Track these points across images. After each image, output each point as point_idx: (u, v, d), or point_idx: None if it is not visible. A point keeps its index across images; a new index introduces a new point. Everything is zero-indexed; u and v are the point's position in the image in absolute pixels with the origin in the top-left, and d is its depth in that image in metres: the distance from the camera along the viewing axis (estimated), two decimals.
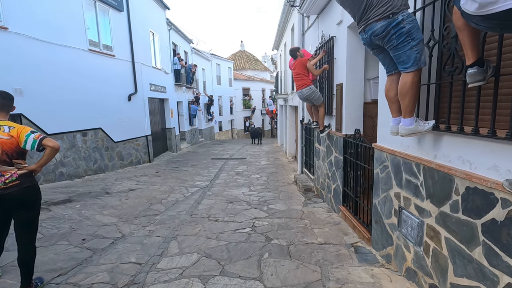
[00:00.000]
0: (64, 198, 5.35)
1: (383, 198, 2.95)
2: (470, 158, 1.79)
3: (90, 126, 7.61)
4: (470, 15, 1.22)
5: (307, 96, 4.60)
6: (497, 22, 1.17)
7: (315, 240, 3.55)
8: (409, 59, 1.96)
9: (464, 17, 1.29)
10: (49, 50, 6.36)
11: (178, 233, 3.86)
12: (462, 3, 1.26)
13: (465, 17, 1.29)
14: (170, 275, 2.77)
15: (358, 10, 2.11)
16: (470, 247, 1.78)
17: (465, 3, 1.20)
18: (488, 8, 1.12)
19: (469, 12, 1.24)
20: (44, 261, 3.03)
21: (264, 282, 2.62)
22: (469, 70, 1.53)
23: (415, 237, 2.36)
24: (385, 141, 2.87)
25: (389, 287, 2.47)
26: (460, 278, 1.88)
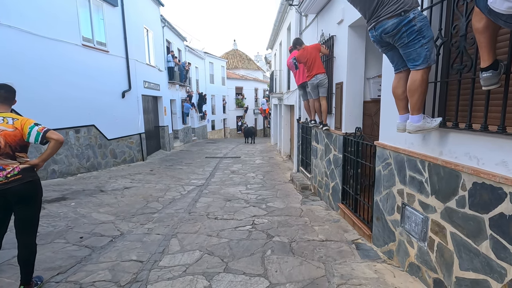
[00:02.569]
0: (58, 196, 5.22)
1: (385, 195, 2.99)
2: (477, 154, 1.83)
3: (83, 123, 7.45)
4: (499, 13, 1.24)
5: (319, 81, 4.53)
6: None
7: (316, 237, 3.57)
8: (419, 56, 1.99)
9: (491, 15, 1.31)
10: (42, 44, 6.19)
11: (178, 230, 3.82)
12: (491, 1, 1.27)
13: (492, 16, 1.31)
14: (174, 273, 2.73)
15: (369, 8, 2.13)
16: (477, 241, 1.82)
17: (494, 1, 1.22)
18: None
19: (498, 10, 1.25)
20: (41, 259, 2.94)
21: (269, 278, 2.62)
22: (484, 73, 1.55)
23: (419, 233, 2.41)
24: (388, 138, 2.91)
25: (393, 282, 2.51)
26: (466, 272, 1.93)
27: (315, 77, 4.49)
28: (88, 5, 7.62)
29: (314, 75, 4.47)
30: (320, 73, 4.45)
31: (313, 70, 4.46)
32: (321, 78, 4.47)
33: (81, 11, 7.33)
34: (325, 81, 4.50)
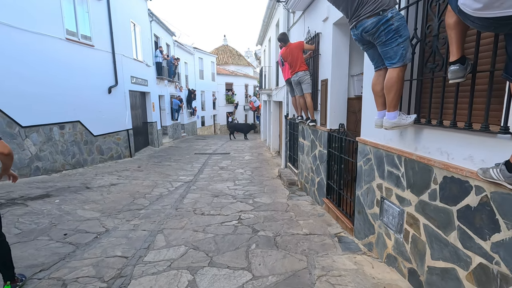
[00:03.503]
0: (42, 193, 5.14)
1: (366, 189, 3.08)
2: (448, 150, 1.92)
3: (68, 119, 7.30)
4: (467, 14, 1.30)
5: (300, 78, 4.62)
6: (493, 22, 1.26)
7: (300, 231, 3.65)
8: (396, 55, 2.07)
9: (460, 15, 1.38)
10: (23, 38, 6.02)
11: (164, 226, 3.84)
12: (461, 2, 1.33)
13: (461, 15, 1.38)
14: (158, 267, 2.76)
15: (351, 8, 2.18)
16: (446, 232, 1.92)
17: (464, 2, 1.29)
18: (491, 11, 1.20)
19: (467, 11, 1.32)
20: (23, 256, 2.92)
21: (252, 271, 2.68)
22: (451, 66, 1.64)
23: (396, 225, 2.51)
24: (369, 134, 3.00)
25: (371, 272, 2.61)
26: (436, 261, 2.03)
27: (296, 74, 4.56)
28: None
29: (295, 72, 4.54)
30: (301, 70, 4.52)
31: (295, 67, 4.53)
32: (301, 75, 4.55)
33: (65, 4, 7.13)
34: (305, 78, 4.56)
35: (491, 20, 1.23)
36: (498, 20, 1.21)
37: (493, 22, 1.24)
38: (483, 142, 1.64)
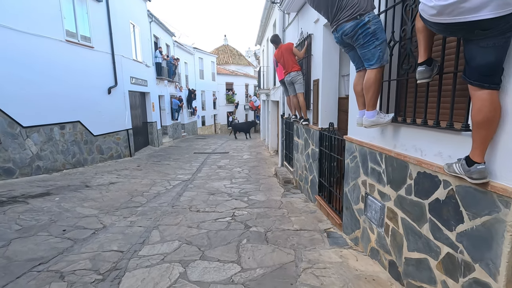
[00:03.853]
0: (42, 191, 5.28)
1: (352, 186, 3.19)
2: (421, 147, 2.03)
3: (68, 119, 7.45)
4: (426, 19, 1.43)
5: (292, 78, 4.74)
6: (446, 27, 1.39)
7: (291, 227, 3.76)
8: (373, 56, 2.17)
9: (422, 20, 1.50)
10: (24, 40, 6.16)
11: (159, 223, 3.96)
12: (420, 8, 1.46)
13: (423, 20, 1.50)
14: (152, 261, 2.88)
15: (331, 12, 2.29)
16: (420, 224, 2.03)
17: (423, 8, 1.41)
18: (443, 18, 1.33)
19: (425, 17, 1.44)
20: (23, 251, 3.06)
21: (241, 264, 2.80)
22: (419, 67, 1.75)
23: (378, 219, 2.62)
24: (355, 133, 3.11)
25: (355, 265, 2.72)
26: (412, 252, 2.14)
27: (288, 74, 4.67)
28: (71, 0, 7.56)
29: (288, 72, 4.65)
30: (293, 71, 4.63)
31: (288, 68, 4.64)
32: (293, 76, 4.66)
33: (65, 6, 7.27)
34: (298, 78, 4.67)
35: (445, 25, 1.34)
36: (451, 26, 1.32)
37: (446, 27, 1.35)
38: (450, 139, 1.75)
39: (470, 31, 1.29)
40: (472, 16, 1.21)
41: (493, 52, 1.28)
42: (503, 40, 1.26)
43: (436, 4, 1.30)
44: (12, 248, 3.10)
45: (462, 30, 1.31)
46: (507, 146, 1.40)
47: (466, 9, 1.21)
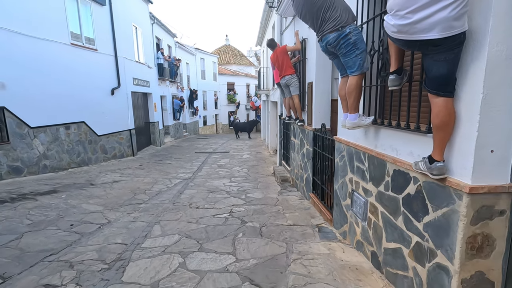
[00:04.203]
0: (49, 189, 5.53)
1: (341, 183, 3.40)
2: (397, 147, 2.24)
3: (73, 119, 7.71)
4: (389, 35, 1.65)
5: (287, 81, 4.95)
6: (406, 43, 1.61)
7: (285, 222, 3.98)
8: (354, 64, 2.38)
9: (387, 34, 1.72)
10: (31, 44, 6.42)
11: (161, 218, 4.19)
12: (385, 25, 1.68)
13: (387, 34, 1.72)
14: (154, 252, 3.11)
15: (317, 24, 2.51)
16: (396, 217, 2.24)
17: (386, 26, 1.62)
18: (402, 35, 1.55)
19: (389, 33, 1.66)
20: (35, 243, 3.30)
21: (236, 255, 3.02)
22: (390, 76, 1.96)
23: (362, 214, 2.83)
24: (343, 134, 3.31)
25: (341, 256, 2.93)
26: (389, 243, 2.35)
27: (283, 78, 4.89)
28: (76, 5, 7.81)
29: (283, 76, 4.86)
30: (287, 74, 4.84)
31: (283, 72, 4.85)
32: (288, 79, 4.87)
33: (70, 11, 7.53)
34: (292, 81, 4.88)
35: (404, 41, 1.55)
36: (408, 42, 1.53)
37: (405, 43, 1.57)
38: (419, 140, 1.96)
39: (424, 47, 1.50)
40: (424, 36, 1.42)
41: (445, 65, 1.49)
42: (453, 55, 1.47)
43: (395, 23, 1.51)
44: (25, 240, 3.35)
45: (418, 46, 1.52)
46: (460, 147, 1.60)
47: (419, 29, 1.42)
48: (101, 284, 2.54)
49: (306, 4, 2.42)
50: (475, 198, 1.55)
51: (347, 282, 2.46)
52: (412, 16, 1.41)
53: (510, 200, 1.57)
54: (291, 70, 4.92)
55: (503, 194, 1.56)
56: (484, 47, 1.43)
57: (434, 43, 1.44)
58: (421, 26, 1.40)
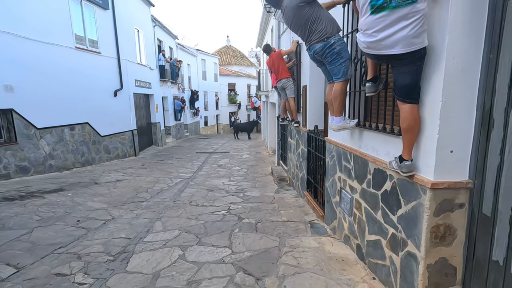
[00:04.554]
0: (56, 187, 5.78)
1: (331, 182, 3.62)
2: (377, 147, 2.45)
3: (77, 120, 7.96)
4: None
5: (283, 84, 5.17)
6: (375, 57, 1.83)
7: (279, 219, 4.20)
8: (339, 72, 2.59)
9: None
10: (38, 48, 6.67)
11: (162, 215, 4.42)
12: (357, 41, 1.89)
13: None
14: (155, 245, 3.34)
15: (305, 35, 2.72)
16: (376, 211, 2.45)
17: (358, 41, 1.84)
18: (371, 50, 1.77)
19: (360, 47, 1.88)
20: (45, 237, 3.53)
21: (232, 248, 3.24)
22: (367, 84, 2.17)
23: (348, 210, 3.04)
24: (332, 135, 3.52)
25: (330, 249, 3.14)
26: (371, 235, 2.56)
27: (280, 81, 5.10)
28: (80, 10, 8.07)
29: (279, 79, 5.08)
30: (283, 78, 5.06)
31: (278, 75, 5.07)
32: (284, 82, 5.09)
33: (74, 15, 7.78)
34: (288, 84, 5.10)
35: (373, 55, 1.77)
36: (377, 56, 1.75)
37: (375, 57, 1.78)
38: (394, 141, 2.17)
39: (390, 60, 1.71)
40: (388, 51, 1.64)
41: (408, 76, 1.71)
42: (415, 68, 1.68)
43: (365, 40, 1.73)
44: (35, 234, 3.58)
45: (385, 59, 1.74)
46: (425, 147, 1.82)
47: (384, 46, 1.64)
48: (107, 273, 2.76)
49: (295, 17, 2.63)
50: (437, 193, 1.76)
51: (333, 271, 2.67)
52: (378, 35, 1.63)
53: (468, 195, 1.78)
54: (287, 73, 5.13)
55: (462, 189, 1.77)
56: (442, 61, 1.64)
57: (398, 58, 1.65)
58: (386, 43, 1.62)
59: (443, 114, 1.69)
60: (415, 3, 1.51)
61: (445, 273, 1.86)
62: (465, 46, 1.62)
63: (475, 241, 1.75)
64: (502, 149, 1.55)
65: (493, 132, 1.59)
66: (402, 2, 1.51)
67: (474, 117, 1.71)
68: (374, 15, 1.63)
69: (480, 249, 1.72)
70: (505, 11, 1.50)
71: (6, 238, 3.43)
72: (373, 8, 1.63)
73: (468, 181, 1.76)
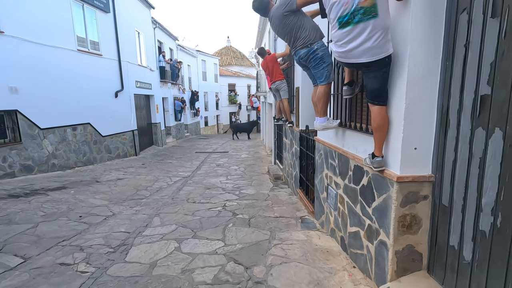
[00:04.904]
0: (59, 185, 6.00)
1: (319, 179, 3.81)
2: (357, 146, 2.65)
3: (79, 121, 8.19)
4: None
5: (277, 86, 5.39)
6: (347, 64, 2.03)
7: (272, 214, 4.39)
8: (322, 75, 2.79)
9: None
10: (41, 51, 6.90)
11: (160, 211, 4.62)
12: (331, 50, 2.09)
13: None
14: (153, 239, 3.54)
15: (290, 41, 2.93)
16: (355, 205, 2.65)
17: (332, 51, 2.04)
18: (342, 59, 1.97)
19: (334, 56, 2.08)
20: (49, 231, 3.74)
21: (225, 241, 3.44)
22: (344, 87, 2.37)
23: (334, 204, 3.23)
24: (321, 134, 3.72)
25: (317, 242, 3.34)
26: (352, 227, 2.76)
27: (274, 83, 5.31)
28: (82, 13, 8.30)
29: (274, 81, 5.29)
30: (277, 80, 5.26)
31: (273, 78, 5.27)
32: (277, 84, 5.29)
33: (76, 19, 8.01)
34: (282, 86, 5.30)
35: (345, 63, 1.97)
36: (348, 64, 1.95)
37: (346, 64, 1.98)
38: (369, 140, 2.36)
39: (360, 67, 1.91)
40: (357, 60, 1.84)
41: (376, 81, 1.90)
42: (381, 74, 1.88)
43: (336, 50, 1.93)
44: (40, 229, 3.80)
45: (355, 66, 1.94)
46: (393, 145, 2.01)
47: (353, 55, 1.84)
48: (108, 263, 2.97)
49: (280, 25, 2.84)
50: (403, 186, 1.96)
51: (317, 261, 2.87)
52: (346, 46, 1.83)
53: (431, 187, 1.98)
54: (281, 76, 5.34)
55: (425, 183, 1.97)
56: (405, 67, 1.84)
57: (366, 65, 1.85)
58: (354, 53, 1.82)
59: (407, 115, 1.88)
60: (376, 17, 1.71)
61: (412, 259, 2.06)
62: (425, 54, 1.82)
63: (437, 229, 1.95)
64: (456, 146, 1.75)
65: (449, 131, 1.79)
66: (364, 17, 1.71)
67: (435, 117, 1.90)
68: (341, 29, 1.84)
69: (440, 236, 1.91)
70: (457, 24, 1.70)
71: (13, 231, 3.65)
72: (340, 23, 1.83)
73: (431, 175, 1.96)
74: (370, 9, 1.69)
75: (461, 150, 1.71)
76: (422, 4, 1.76)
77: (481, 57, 1.55)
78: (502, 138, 1.45)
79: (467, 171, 1.67)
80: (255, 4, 3.03)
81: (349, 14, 1.76)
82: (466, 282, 1.70)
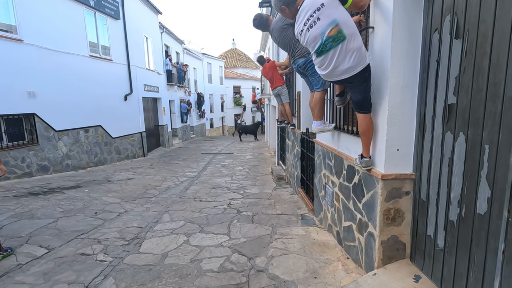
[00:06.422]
0: (73, 184, 6.36)
1: (318, 178, 4.07)
2: (350, 147, 2.90)
3: (91, 123, 8.57)
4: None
5: (278, 91, 5.67)
6: (332, 81, 2.30)
7: (274, 212, 4.66)
8: (318, 83, 3.06)
9: None
10: (57, 58, 7.30)
11: (169, 209, 4.93)
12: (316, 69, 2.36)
13: None
14: (163, 233, 3.84)
15: (290, 51, 3.21)
16: (348, 201, 2.91)
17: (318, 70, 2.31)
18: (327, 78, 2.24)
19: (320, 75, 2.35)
20: (68, 225, 4.07)
21: (230, 236, 3.72)
22: (336, 98, 2.64)
23: (330, 202, 3.49)
24: (319, 136, 3.98)
25: (315, 236, 3.60)
26: (345, 222, 3.01)
27: (275, 89, 5.59)
28: (94, 21, 8.70)
29: (274, 87, 5.57)
30: (278, 86, 5.54)
31: (273, 84, 5.56)
32: (278, 89, 5.57)
33: (89, 26, 8.41)
34: (282, 91, 5.58)
35: (332, 81, 2.24)
36: (333, 81, 2.22)
37: (333, 82, 2.25)
38: (360, 142, 2.62)
39: (344, 83, 2.18)
40: (339, 78, 2.10)
41: (359, 93, 2.17)
42: (363, 87, 2.14)
43: (321, 73, 2.21)
44: (60, 223, 4.13)
45: (340, 82, 2.21)
46: (378, 146, 2.27)
47: (335, 75, 2.10)
48: (123, 253, 3.27)
49: (280, 37, 3.12)
50: (387, 183, 2.21)
51: (314, 253, 3.13)
52: (327, 69, 2.10)
53: (412, 184, 2.23)
54: (281, 82, 5.61)
55: (407, 180, 2.22)
56: (387, 79, 2.10)
57: (348, 81, 2.12)
58: (336, 73, 2.09)
59: (389, 120, 2.14)
60: (344, 40, 1.97)
61: (397, 248, 2.31)
62: (404, 68, 2.08)
63: (417, 221, 2.20)
64: (431, 148, 2.00)
65: (426, 135, 2.05)
66: (333, 44, 1.98)
67: (415, 122, 2.16)
68: (319, 57, 2.12)
69: (420, 227, 2.16)
70: (431, 42, 1.96)
71: (37, 225, 3.98)
72: (317, 53, 2.12)
73: (412, 173, 2.21)
74: (338, 36, 1.96)
75: (435, 151, 1.96)
76: (402, 24, 2.02)
77: (449, 71, 1.81)
78: (465, 141, 1.70)
79: (440, 170, 1.92)
80: (256, 23, 3.31)
81: (322, 45, 2.04)
82: (439, 267, 1.95)
